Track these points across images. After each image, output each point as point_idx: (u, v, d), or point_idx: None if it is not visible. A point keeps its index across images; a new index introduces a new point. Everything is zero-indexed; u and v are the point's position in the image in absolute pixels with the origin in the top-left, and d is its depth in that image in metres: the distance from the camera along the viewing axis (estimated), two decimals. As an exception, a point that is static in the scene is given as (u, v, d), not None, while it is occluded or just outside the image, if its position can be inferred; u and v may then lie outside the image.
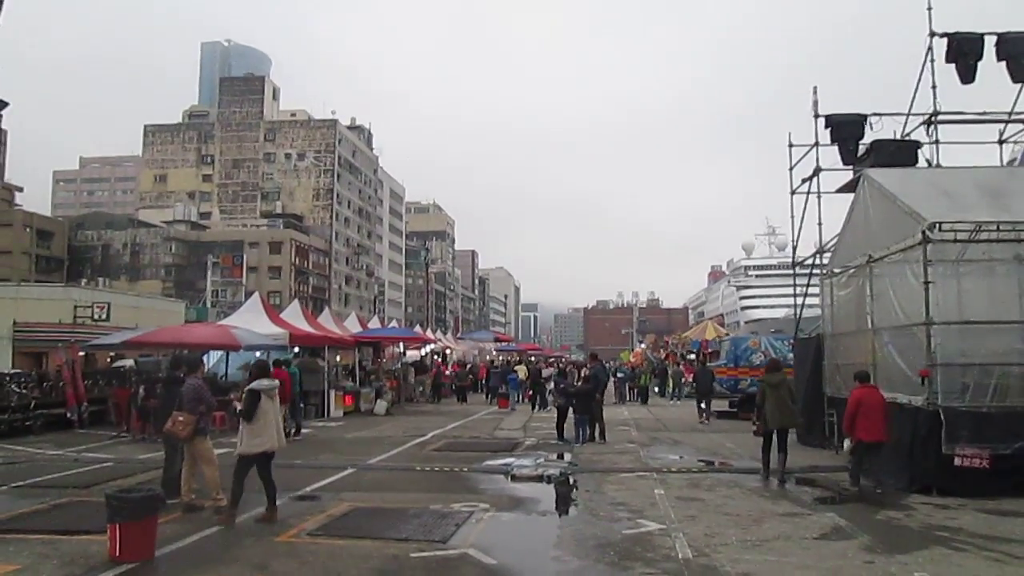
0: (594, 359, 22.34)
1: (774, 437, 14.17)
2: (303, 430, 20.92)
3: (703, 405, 25.61)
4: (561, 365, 34.69)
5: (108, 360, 30.76)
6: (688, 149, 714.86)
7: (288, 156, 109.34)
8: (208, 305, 69.43)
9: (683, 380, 36.32)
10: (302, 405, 22.61)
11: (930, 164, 17.11)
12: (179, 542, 9.06)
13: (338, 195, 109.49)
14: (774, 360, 16.74)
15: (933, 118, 17.10)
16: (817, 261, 18.92)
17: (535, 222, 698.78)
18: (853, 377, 13.37)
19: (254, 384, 10.45)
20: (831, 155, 18.34)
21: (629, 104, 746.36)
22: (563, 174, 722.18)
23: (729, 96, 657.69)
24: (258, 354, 21.62)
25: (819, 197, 18.49)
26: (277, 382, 10.77)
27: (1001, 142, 17.96)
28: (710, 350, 37.76)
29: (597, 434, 19.38)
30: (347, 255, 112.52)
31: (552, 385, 25.66)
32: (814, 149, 18.61)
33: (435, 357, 42.92)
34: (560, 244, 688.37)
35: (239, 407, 10.96)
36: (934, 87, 16.80)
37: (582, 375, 22.76)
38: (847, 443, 12.38)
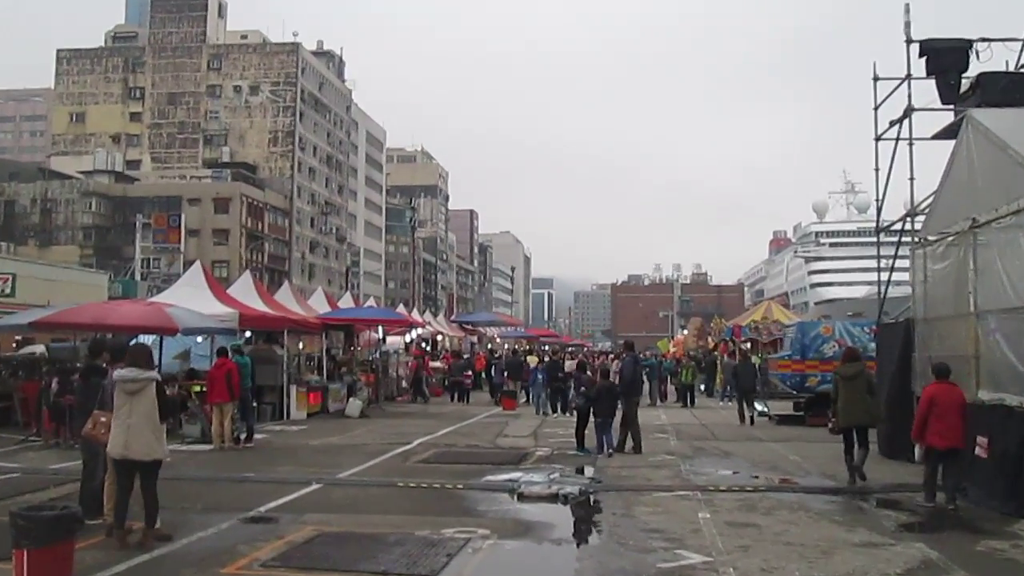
0: (629, 349, 22.59)
1: (854, 437, 14.92)
2: (256, 435, 20.98)
3: (745, 405, 27.10)
4: (581, 357, 34.82)
5: (13, 346, 30.82)
6: (741, 86, 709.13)
7: (238, 89, 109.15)
8: (137, 277, 69.65)
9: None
10: (255, 404, 22.66)
11: (1052, 103, 16.94)
12: (102, 572, 9.10)
13: (301, 139, 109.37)
14: (851, 349, 17.03)
15: (1057, 44, 16.92)
16: (907, 226, 18.84)
17: (550, 178, 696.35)
18: (931, 370, 13.59)
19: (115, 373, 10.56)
20: (927, 92, 18.22)
21: (664, 33, 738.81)
22: (585, 121, 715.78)
23: (793, 17, 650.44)
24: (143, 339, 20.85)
25: (911, 144, 18.40)
26: (147, 373, 10.58)
27: None
28: (744, 339, 37.67)
29: (629, 443, 19.46)
30: (312, 215, 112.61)
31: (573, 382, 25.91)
32: (905, 84, 18.49)
33: (422, 345, 43.03)
34: (582, 205, 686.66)
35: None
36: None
37: (613, 369, 22.90)
38: (918, 450, 12.42)
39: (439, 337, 46.88)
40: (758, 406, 27.56)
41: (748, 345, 38.34)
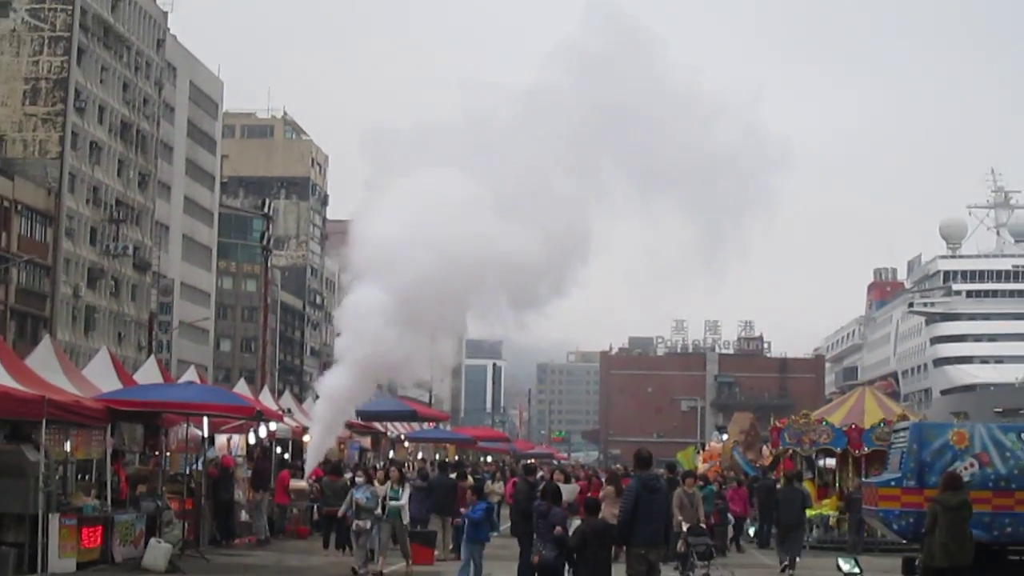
0: (641, 465, 15.99)
1: None
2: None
3: (787, 556, 23.11)
4: (555, 472, 26.21)
5: None
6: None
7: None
8: None
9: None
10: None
11: None
12: None
13: (80, 94, 73.64)
14: (952, 475, 16.86)
15: None
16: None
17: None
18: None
19: None
20: None
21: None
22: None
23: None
24: None
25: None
26: None
27: None
28: (787, 448, 30.25)
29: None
30: (95, 223, 76.35)
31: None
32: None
33: (261, 446, 30.87)
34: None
35: None
36: None
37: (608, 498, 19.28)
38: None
39: (307, 438, 34.48)
40: (844, 565, 21.12)
41: (829, 462, 29.90)
